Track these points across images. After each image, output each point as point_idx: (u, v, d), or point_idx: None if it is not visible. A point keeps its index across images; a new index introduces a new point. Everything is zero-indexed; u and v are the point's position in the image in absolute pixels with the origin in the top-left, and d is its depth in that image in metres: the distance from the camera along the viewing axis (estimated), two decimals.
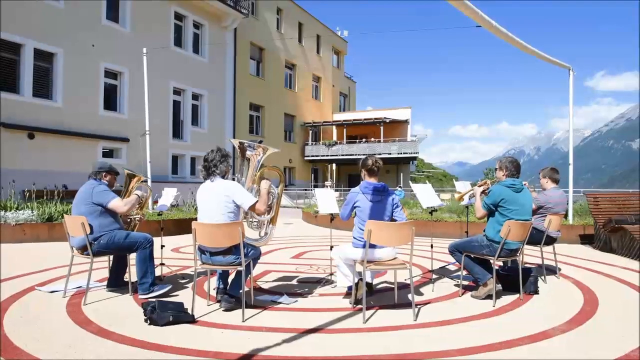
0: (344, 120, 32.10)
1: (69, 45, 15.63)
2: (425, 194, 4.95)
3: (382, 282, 4.77)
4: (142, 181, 4.69)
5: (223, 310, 3.61)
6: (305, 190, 26.30)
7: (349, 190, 4.70)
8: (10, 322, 3.29)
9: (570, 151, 9.27)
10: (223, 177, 3.70)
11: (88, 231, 3.83)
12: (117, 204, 4.02)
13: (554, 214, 4.96)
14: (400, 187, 23.31)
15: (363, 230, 3.55)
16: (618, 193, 9.82)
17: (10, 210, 8.28)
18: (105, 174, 4.22)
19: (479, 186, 4.59)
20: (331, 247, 4.33)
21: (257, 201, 3.63)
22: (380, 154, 27.31)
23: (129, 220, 4.63)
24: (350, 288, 4.00)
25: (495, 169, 4.39)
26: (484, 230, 4.20)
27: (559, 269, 5.25)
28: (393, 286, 4.17)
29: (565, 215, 7.91)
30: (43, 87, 15.18)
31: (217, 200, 3.58)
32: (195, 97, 21.73)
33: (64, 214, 4.41)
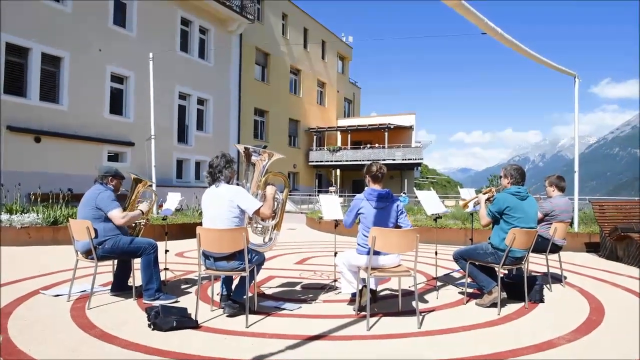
0: (348, 126, 32.15)
1: (75, 49, 15.74)
2: (430, 201, 4.93)
3: (386, 289, 4.75)
4: (147, 185, 4.70)
5: (227, 316, 3.61)
6: (309, 195, 26.30)
7: (354, 196, 4.69)
8: (14, 325, 3.30)
9: (576, 158, 9.22)
10: (228, 182, 3.71)
11: (93, 235, 3.84)
12: (116, 214, 3.98)
13: (560, 221, 4.93)
14: (404, 193, 23.26)
15: (367, 236, 3.54)
16: (624, 201, 9.75)
17: (16, 214, 8.33)
18: (112, 178, 4.23)
19: (484, 193, 4.58)
20: (335, 253, 4.32)
21: (262, 205, 3.63)
22: (384, 160, 27.31)
23: (134, 224, 4.64)
24: (354, 295, 3.98)
25: (500, 177, 4.37)
26: (489, 238, 4.18)
27: (565, 278, 5.21)
28: (397, 293, 4.16)
29: (571, 223, 7.87)
30: (49, 90, 15.27)
31: (221, 205, 3.58)
32: (200, 101, 21.82)
33: (69, 218, 4.42)
